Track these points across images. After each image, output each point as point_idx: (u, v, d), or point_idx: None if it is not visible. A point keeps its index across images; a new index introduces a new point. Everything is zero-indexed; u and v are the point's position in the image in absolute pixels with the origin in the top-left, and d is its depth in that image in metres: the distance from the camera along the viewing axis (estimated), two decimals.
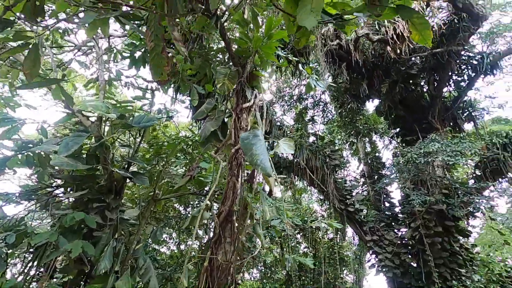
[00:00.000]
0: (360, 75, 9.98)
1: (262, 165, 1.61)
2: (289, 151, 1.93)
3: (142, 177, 3.01)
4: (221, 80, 2.27)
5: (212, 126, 2.33)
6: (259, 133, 1.84)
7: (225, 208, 1.93)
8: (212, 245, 1.86)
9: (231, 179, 2.02)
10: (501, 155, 8.19)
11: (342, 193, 10.63)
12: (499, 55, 8.74)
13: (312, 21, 1.23)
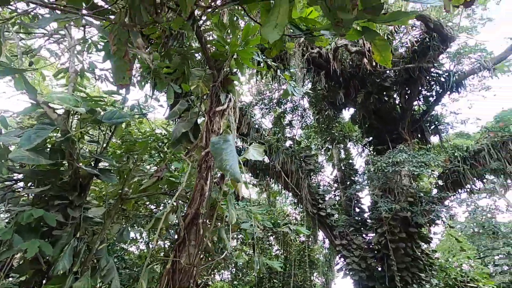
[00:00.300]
0: (337, 83, 10.31)
1: (231, 170, 1.62)
2: (258, 157, 1.96)
3: (109, 174, 2.91)
4: (195, 82, 2.26)
5: (183, 127, 2.31)
6: (230, 138, 1.85)
7: (192, 210, 1.92)
8: (176, 247, 1.84)
9: (200, 181, 2.02)
10: (461, 168, 8.78)
11: (315, 197, 10.89)
12: (464, 75, 9.39)
13: (275, 35, 1.28)
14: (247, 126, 9.22)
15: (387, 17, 1.42)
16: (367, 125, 11.49)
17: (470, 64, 10.24)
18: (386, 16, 1.42)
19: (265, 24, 1.28)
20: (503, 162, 7.84)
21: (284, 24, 1.26)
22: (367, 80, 9.99)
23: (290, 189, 10.68)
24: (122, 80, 1.70)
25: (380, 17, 1.39)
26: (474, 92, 10.68)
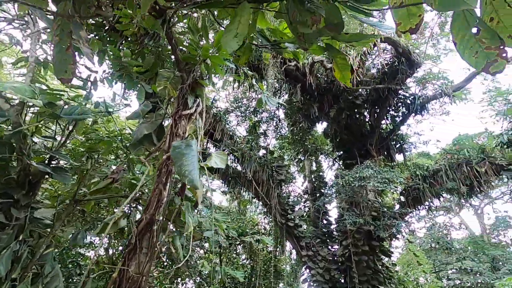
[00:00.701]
0: (312, 97, 10.60)
1: (189, 176, 1.57)
2: (221, 165, 1.93)
3: (64, 173, 2.70)
4: (162, 84, 2.20)
5: (146, 129, 2.22)
6: (192, 143, 1.80)
7: (147, 216, 1.82)
8: (126, 255, 1.73)
9: (158, 186, 1.93)
10: (421, 186, 9.30)
11: (285, 207, 10.96)
12: (427, 99, 10.07)
13: (234, 45, 1.29)
14: (221, 132, 9.15)
15: (348, 37, 1.49)
16: (338, 139, 11.87)
17: (433, 90, 11.03)
18: (347, 36, 1.49)
19: (225, 33, 1.28)
20: (457, 182, 8.42)
21: (244, 33, 1.27)
22: (340, 96, 10.37)
23: (260, 198, 10.68)
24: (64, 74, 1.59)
25: (342, 36, 1.45)
26: (436, 116, 11.48)
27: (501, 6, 1.10)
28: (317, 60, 9.28)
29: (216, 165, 1.89)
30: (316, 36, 1.32)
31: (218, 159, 1.93)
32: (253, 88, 11.25)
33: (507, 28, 1.13)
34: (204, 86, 2.37)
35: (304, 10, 1.17)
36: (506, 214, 21.24)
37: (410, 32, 1.20)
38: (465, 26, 1.16)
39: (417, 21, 1.20)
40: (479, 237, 21.33)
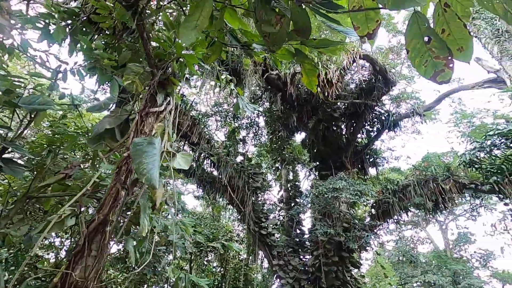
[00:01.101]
0: (292, 107, 10.73)
1: (147, 175, 1.48)
2: (184, 166, 1.85)
3: (15, 167, 2.48)
4: (130, 78, 2.09)
5: (109, 124, 2.09)
6: (155, 141, 1.71)
7: (100, 216, 1.69)
8: (72, 257, 1.59)
9: (115, 185, 1.81)
10: (391, 200, 9.60)
11: (259, 215, 10.88)
12: (400, 116, 10.52)
13: (192, 37, 1.25)
14: (199, 135, 9.00)
15: (317, 42, 1.50)
16: (315, 150, 12.06)
17: (406, 108, 11.56)
18: (316, 41, 1.50)
19: (184, 23, 1.24)
20: (424, 198, 8.77)
21: (203, 26, 1.23)
22: (319, 108, 10.59)
23: (235, 204, 10.55)
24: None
25: (310, 41, 1.46)
26: (407, 133, 12.00)
27: (452, 18, 1.14)
28: (298, 71, 9.43)
29: (180, 165, 1.81)
30: (283, 38, 1.32)
31: (182, 160, 1.85)
32: (233, 93, 11.24)
33: (457, 40, 1.18)
34: (175, 84, 2.29)
35: (270, 9, 1.17)
36: (468, 231, 22.42)
37: (368, 37, 1.22)
38: (418, 34, 1.19)
39: (374, 26, 1.22)
40: (442, 252, 22.31)
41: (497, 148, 5.98)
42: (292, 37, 1.35)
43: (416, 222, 24.77)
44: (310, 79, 1.62)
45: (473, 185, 7.66)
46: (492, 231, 13.13)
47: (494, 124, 5.62)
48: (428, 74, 1.24)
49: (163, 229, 3.23)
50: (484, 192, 7.48)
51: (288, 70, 9.89)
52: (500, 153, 6.06)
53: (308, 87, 1.66)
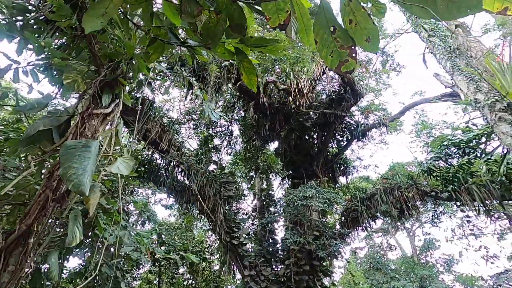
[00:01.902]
0: (265, 116, 10.81)
1: (75, 180, 1.35)
2: (125, 171, 1.73)
3: None
4: (71, 77, 1.95)
5: (44, 125, 1.92)
6: (92, 144, 1.58)
7: (22, 226, 1.52)
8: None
9: (45, 191, 1.65)
10: (359, 207, 9.84)
11: (230, 225, 10.69)
12: (368, 127, 10.94)
13: (97, 25, 1.19)
14: (168, 143, 8.74)
15: (254, 41, 1.49)
16: (288, 159, 12.17)
17: (374, 119, 12.05)
18: (253, 40, 1.49)
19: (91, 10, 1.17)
20: (390, 205, 9.08)
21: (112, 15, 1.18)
22: (291, 117, 10.75)
23: (205, 214, 10.29)
24: None
25: (248, 40, 1.44)
26: (375, 143, 12.49)
27: (357, 8, 1.16)
28: (270, 80, 9.56)
29: (119, 171, 1.69)
30: (218, 35, 1.29)
31: (123, 164, 1.73)
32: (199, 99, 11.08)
33: (363, 30, 1.19)
34: (124, 85, 2.18)
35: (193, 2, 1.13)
36: (433, 237, 23.50)
37: (280, 28, 1.22)
38: (325, 25, 1.20)
39: (284, 16, 1.21)
40: (410, 258, 23.15)
41: (451, 157, 6.38)
42: (229, 35, 1.33)
43: (386, 230, 25.61)
44: (249, 78, 1.59)
45: (434, 193, 8.07)
46: (452, 236, 13.85)
47: (452, 135, 6.01)
48: (334, 64, 1.24)
49: (119, 240, 3.02)
50: (443, 199, 7.90)
51: (261, 79, 9.99)
52: (455, 162, 6.47)
53: (249, 86, 1.64)
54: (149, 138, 8.07)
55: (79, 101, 2.08)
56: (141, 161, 9.70)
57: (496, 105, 4.63)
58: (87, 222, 2.96)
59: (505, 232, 9.75)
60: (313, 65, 9.35)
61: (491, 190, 6.53)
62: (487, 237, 9.99)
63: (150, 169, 9.94)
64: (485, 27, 7.90)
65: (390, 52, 12.84)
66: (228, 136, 13.48)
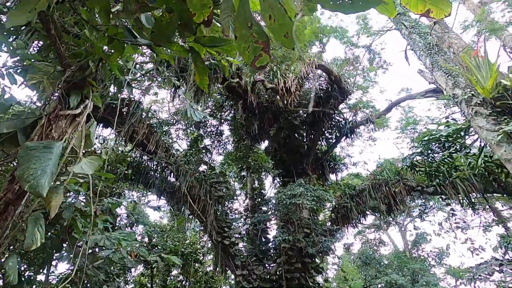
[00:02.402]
0: (253, 115, 10.81)
1: (32, 182, 1.32)
2: (89, 171, 1.71)
3: None
4: (36, 78, 1.92)
5: (7, 127, 1.88)
6: (55, 145, 1.55)
7: None
8: None
9: (6, 195, 1.61)
10: (349, 204, 9.94)
11: (221, 225, 10.67)
12: (355, 124, 11.04)
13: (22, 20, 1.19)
14: (156, 144, 8.67)
15: (207, 40, 1.49)
16: (278, 158, 12.20)
17: (362, 117, 12.17)
18: (206, 39, 1.49)
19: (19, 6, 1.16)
20: (378, 201, 9.19)
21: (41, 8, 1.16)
22: (280, 116, 10.77)
23: (196, 215, 10.25)
24: None
25: (202, 39, 1.44)
26: (364, 140, 12.62)
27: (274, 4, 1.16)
28: (258, 79, 9.56)
29: (82, 170, 1.66)
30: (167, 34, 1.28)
31: (87, 164, 1.70)
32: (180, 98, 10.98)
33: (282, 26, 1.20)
34: (94, 86, 2.15)
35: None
36: (424, 231, 23.87)
37: (204, 24, 1.22)
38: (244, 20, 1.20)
39: (208, 12, 1.21)
40: (402, 253, 23.48)
41: (433, 152, 6.50)
42: (181, 33, 1.32)
43: (378, 225, 25.93)
44: (201, 78, 1.59)
45: (420, 188, 8.20)
46: (439, 230, 14.10)
47: (433, 130, 6.12)
48: (250, 59, 1.25)
49: (96, 244, 2.99)
50: (429, 193, 8.04)
51: (249, 78, 9.99)
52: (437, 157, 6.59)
53: (200, 86, 1.63)
54: (135, 140, 7.99)
55: (46, 103, 2.04)
56: (130, 163, 9.62)
57: (473, 99, 4.73)
58: (66, 226, 2.91)
59: (490, 224, 9.97)
60: (299, 63, 9.38)
61: (474, 184, 6.67)
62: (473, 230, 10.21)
63: (139, 171, 9.85)
64: (464, 23, 8.07)
65: (377, 50, 12.97)
66: (218, 136, 13.44)
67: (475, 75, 4.51)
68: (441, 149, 6.09)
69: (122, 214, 10.85)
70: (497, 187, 6.18)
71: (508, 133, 3.76)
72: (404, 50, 8.22)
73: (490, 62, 4.40)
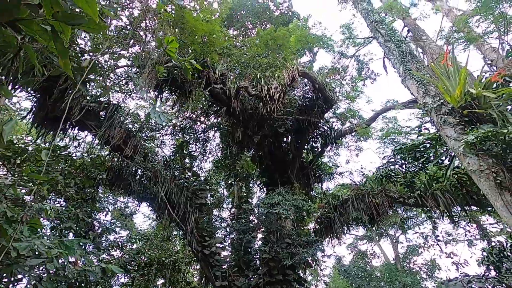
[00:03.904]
0: (237, 122, 10.67)
1: None
2: None
3: None
4: None
5: None
6: None
7: None
8: None
9: None
10: (332, 214, 9.73)
11: (202, 234, 10.38)
12: (341, 133, 10.93)
13: None
14: (134, 148, 8.47)
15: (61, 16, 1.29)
16: (264, 166, 12.02)
17: (350, 126, 12.07)
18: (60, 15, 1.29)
19: None
20: (361, 212, 9.00)
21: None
22: (265, 123, 10.64)
23: (176, 223, 9.98)
24: None
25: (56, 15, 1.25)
26: (351, 150, 12.49)
27: None
28: (241, 86, 9.46)
29: None
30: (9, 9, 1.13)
31: None
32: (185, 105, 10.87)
33: None
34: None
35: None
36: (416, 244, 23.55)
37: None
38: None
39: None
40: (393, 265, 23.11)
41: (406, 162, 6.36)
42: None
43: (370, 237, 25.60)
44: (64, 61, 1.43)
45: (402, 199, 8.03)
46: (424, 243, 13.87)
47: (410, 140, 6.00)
48: None
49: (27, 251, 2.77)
50: (410, 205, 7.87)
51: (233, 84, 9.90)
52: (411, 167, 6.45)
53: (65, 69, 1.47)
54: (111, 144, 7.79)
55: None
56: (110, 168, 9.37)
57: (442, 108, 4.62)
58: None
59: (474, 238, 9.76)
60: (283, 71, 9.32)
61: (455, 196, 6.51)
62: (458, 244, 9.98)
63: (120, 177, 9.61)
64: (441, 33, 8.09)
65: (365, 60, 12.99)
66: (203, 143, 13.26)
67: (444, 83, 4.40)
68: (413, 159, 5.96)
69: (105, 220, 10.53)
70: (470, 200, 6.01)
71: (470, 143, 3.62)
72: (382, 58, 8.19)
73: (458, 70, 4.30)
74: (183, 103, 9.95)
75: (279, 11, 15.84)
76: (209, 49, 7.99)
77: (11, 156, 6.23)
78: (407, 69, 5.62)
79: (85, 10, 1.23)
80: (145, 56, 5.53)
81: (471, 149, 3.62)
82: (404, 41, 6.13)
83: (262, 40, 11.15)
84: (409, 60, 5.75)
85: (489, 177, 3.55)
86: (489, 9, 6.28)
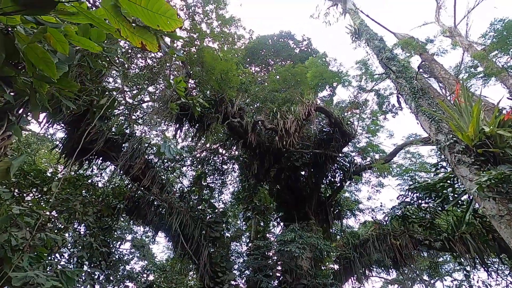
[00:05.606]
0: (254, 155, 10.77)
1: None
2: None
3: None
4: None
5: None
6: None
7: None
8: None
9: None
10: (352, 255, 9.10)
11: (215, 269, 10.09)
12: (360, 168, 10.56)
13: None
14: (151, 179, 8.76)
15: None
16: (280, 200, 11.79)
17: (370, 161, 11.68)
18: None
19: None
20: (383, 254, 8.33)
21: None
22: (281, 156, 10.63)
23: (189, 255, 9.83)
24: None
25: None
26: (372, 185, 11.92)
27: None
28: (258, 120, 9.70)
29: None
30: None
31: None
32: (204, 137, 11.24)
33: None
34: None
35: None
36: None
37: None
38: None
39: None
40: None
41: (423, 201, 5.88)
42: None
43: (401, 281, 23.26)
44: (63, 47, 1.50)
45: (427, 242, 7.35)
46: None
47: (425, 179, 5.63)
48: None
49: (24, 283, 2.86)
50: (436, 249, 7.15)
51: (250, 118, 10.18)
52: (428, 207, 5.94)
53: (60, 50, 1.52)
54: (131, 174, 8.15)
55: None
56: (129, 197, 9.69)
57: (456, 146, 4.33)
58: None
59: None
60: (299, 106, 9.47)
61: (483, 241, 5.82)
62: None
63: (138, 206, 9.85)
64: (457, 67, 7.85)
65: (385, 94, 12.86)
66: (222, 175, 13.39)
67: (456, 120, 4.18)
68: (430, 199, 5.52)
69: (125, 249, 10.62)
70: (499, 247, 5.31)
71: (485, 185, 3.30)
72: (396, 95, 8.06)
73: (470, 107, 4.09)
74: (201, 135, 10.32)
75: (299, 49, 16.52)
76: (226, 86, 8.42)
77: (39, 184, 6.71)
78: (419, 105, 5.47)
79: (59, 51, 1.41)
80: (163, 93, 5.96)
81: (489, 191, 3.30)
82: (415, 77, 6.06)
83: (281, 76, 11.57)
84: (420, 96, 5.62)
85: (510, 223, 3.17)
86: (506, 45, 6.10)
